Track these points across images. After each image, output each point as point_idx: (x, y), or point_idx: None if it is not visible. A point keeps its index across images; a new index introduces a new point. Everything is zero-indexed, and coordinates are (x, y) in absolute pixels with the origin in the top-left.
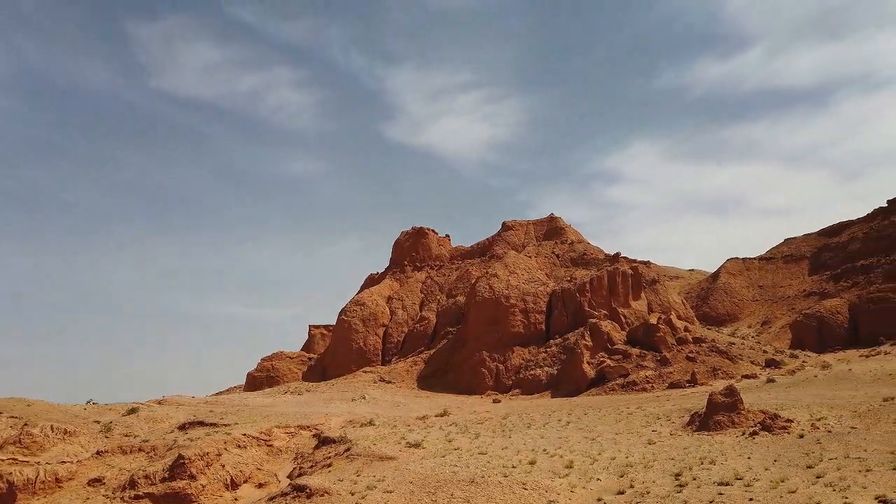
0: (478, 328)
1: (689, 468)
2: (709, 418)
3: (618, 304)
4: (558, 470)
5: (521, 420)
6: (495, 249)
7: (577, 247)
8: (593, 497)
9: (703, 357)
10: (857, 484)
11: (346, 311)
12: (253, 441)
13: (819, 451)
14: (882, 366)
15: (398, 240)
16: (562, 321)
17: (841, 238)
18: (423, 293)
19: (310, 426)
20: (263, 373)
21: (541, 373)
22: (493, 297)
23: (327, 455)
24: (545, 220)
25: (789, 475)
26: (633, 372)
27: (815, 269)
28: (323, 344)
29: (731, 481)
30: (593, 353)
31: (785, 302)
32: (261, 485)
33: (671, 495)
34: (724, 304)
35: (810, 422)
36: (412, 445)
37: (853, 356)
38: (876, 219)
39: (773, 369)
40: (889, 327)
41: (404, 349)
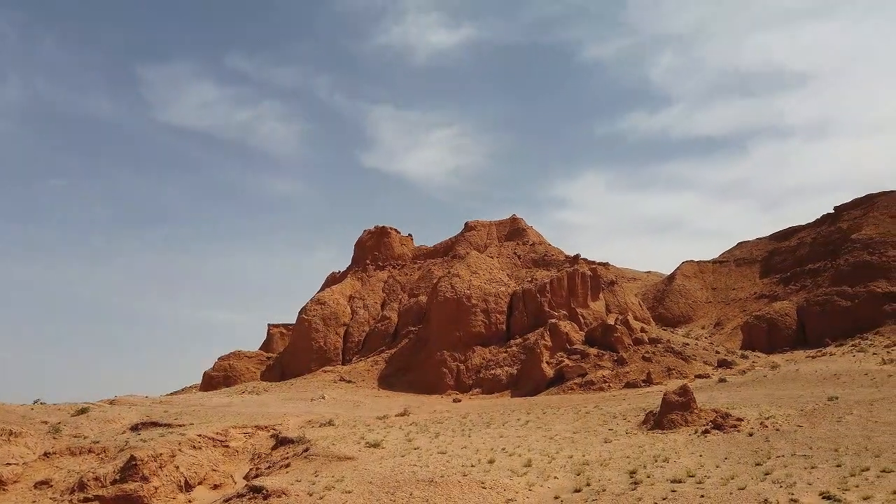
0: (439, 328)
1: (643, 466)
2: (663, 417)
3: (577, 304)
4: (517, 469)
5: (481, 419)
6: (458, 249)
7: (538, 248)
8: (551, 495)
9: (658, 357)
10: (802, 481)
11: (307, 309)
12: (208, 442)
13: (767, 448)
14: (827, 366)
15: (360, 238)
16: (522, 321)
17: (790, 243)
18: (384, 292)
19: (268, 426)
20: (220, 372)
21: (501, 372)
22: (454, 297)
23: (285, 455)
24: (507, 221)
25: (739, 472)
26: (591, 372)
27: (765, 272)
28: (282, 343)
29: (683, 479)
30: (552, 352)
31: (737, 304)
32: (216, 486)
33: (626, 493)
34: (679, 306)
35: (759, 420)
36: (372, 445)
37: (800, 357)
38: (823, 224)
39: (724, 369)
40: (834, 329)
41: (365, 348)
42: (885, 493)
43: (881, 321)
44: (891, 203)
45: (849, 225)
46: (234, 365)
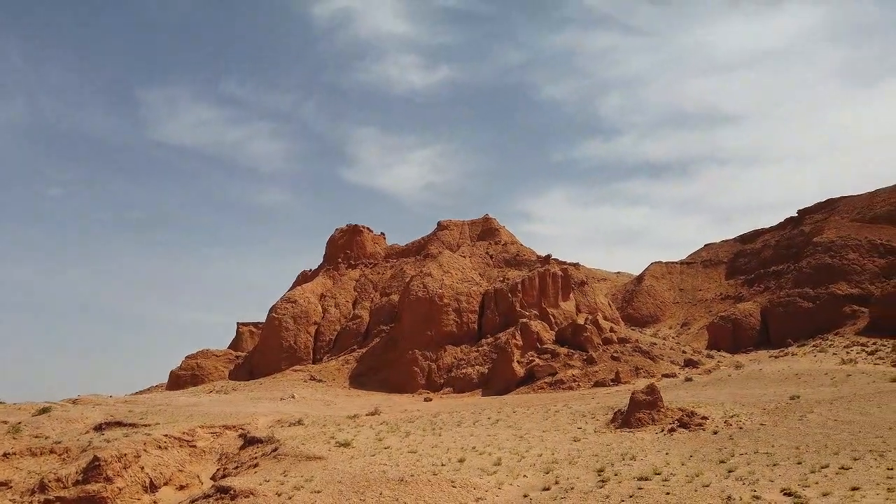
0: (411, 327)
1: (611, 464)
2: (631, 416)
3: (548, 304)
4: (487, 467)
5: (452, 418)
6: (430, 249)
7: (510, 248)
8: (520, 493)
9: (626, 357)
10: (764, 478)
11: (277, 308)
12: (175, 442)
13: (731, 446)
14: (789, 366)
15: (332, 237)
16: (494, 321)
17: (755, 245)
18: (356, 291)
19: (236, 426)
20: (188, 371)
21: (472, 371)
22: (426, 297)
23: (253, 455)
24: (480, 221)
25: (704, 470)
26: (560, 371)
27: (731, 273)
28: (252, 342)
29: (650, 476)
30: (523, 352)
31: (703, 305)
32: (182, 487)
33: (594, 491)
34: (648, 306)
35: (724, 419)
36: (342, 445)
37: (763, 357)
38: (787, 228)
39: (690, 369)
40: (796, 330)
41: (336, 347)
42: (844, 489)
43: (841, 322)
44: (851, 208)
45: (811, 228)
46: (201, 364)
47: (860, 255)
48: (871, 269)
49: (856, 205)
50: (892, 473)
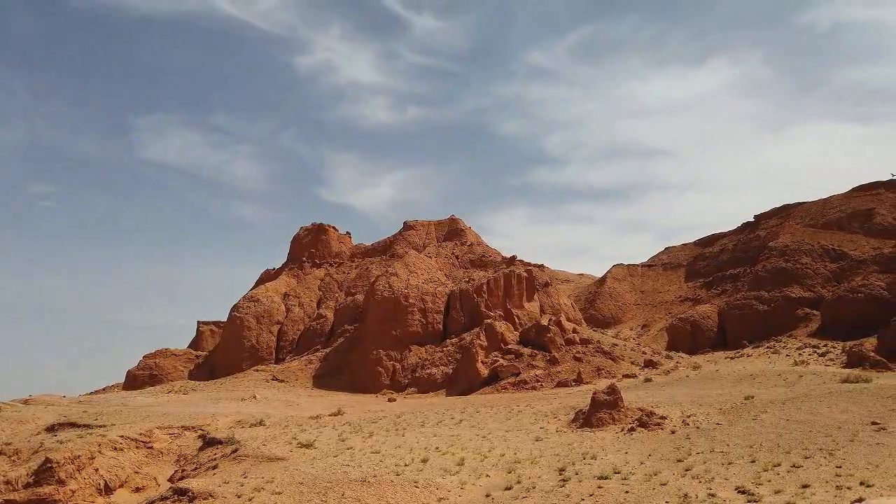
0: (376, 327)
1: (572, 463)
2: (592, 415)
3: (512, 305)
4: (450, 467)
5: (416, 418)
6: (396, 248)
7: (476, 248)
8: (482, 493)
9: (588, 357)
10: (720, 476)
11: (239, 307)
12: (131, 443)
13: (688, 445)
14: (745, 367)
15: (297, 235)
16: (459, 321)
17: (713, 249)
18: (321, 291)
19: (195, 427)
20: (145, 371)
21: (436, 372)
22: (392, 296)
23: (213, 456)
24: (446, 222)
25: (661, 469)
26: (524, 371)
27: (690, 276)
28: (213, 341)
29: (610, 475)
30: (488, 352)
31: (663, 306)
32: (138, 489)
33: (555, 490)
34: (610, 308)
35: (682, 418)
36: (304, 445)
37: (720, 358)
38: (744, 232)
39: (650, 369)
40: (752, 331)
41: (299, 347)
42: (795, 486)
43: (794, 325)
44: (805, 213)
45: (767, 233)
46: (160, 363)
47: (813, 260)
48: (823, 273)
49: (809, 211)
50: (840, 472)
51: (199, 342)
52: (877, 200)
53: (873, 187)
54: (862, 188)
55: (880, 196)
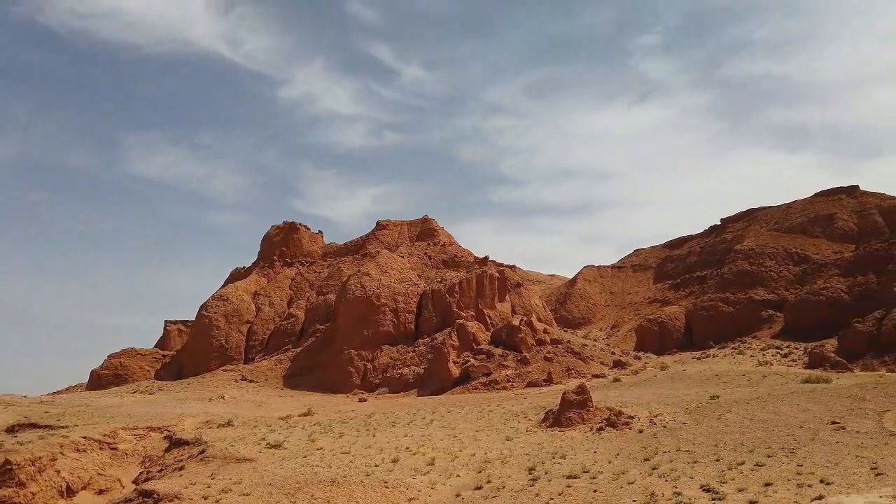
0: (347, 326)
1: (541, 463)
2: (561, 415)
3: (484, 305)
4: (420, 467)
5: (386, 419)
6: (368, 248)
7: (448, 249)
8: (452, 493)
9: (559, 357)
10: (685, 475)
11: (208, 306)
12: (94, 444)
13: (655, 444)
14: (710, 367)
15: (268, 234)
16: (431, 321)
17: (682, 251)
18: (292, 290)
19: (161, 427)
20: (110, 371)
21: (408, 372)
22: (364, 296)
23: (179, 458)
24: (419, 221)
25: (629, 467)
26: (495, 371)
27: (658, 278)
28: (180, 341)
29: (578, 474)
30: (459, 352)
31: (632, 307)
32: (102, 491)
33: (524, 489)
34: (580, 308)
35: (649, 418)
36: (273, 446)
37: (687, 358)
38: (711, 235)
39: (619, 369)
40: (717, 332)
41: (269, 347)
42: (758, 485)
43: (758, 326)
44: (769, 217)
45: (733, 236)
46: (125, 363)
47: (776, 263)
48: (787, 276)
49: (773, 215)
50: (801, 470)
51: (166, 342)
52: (838, 206)
53: (834, 193)
54: (824, 193)
55: (841, 202)
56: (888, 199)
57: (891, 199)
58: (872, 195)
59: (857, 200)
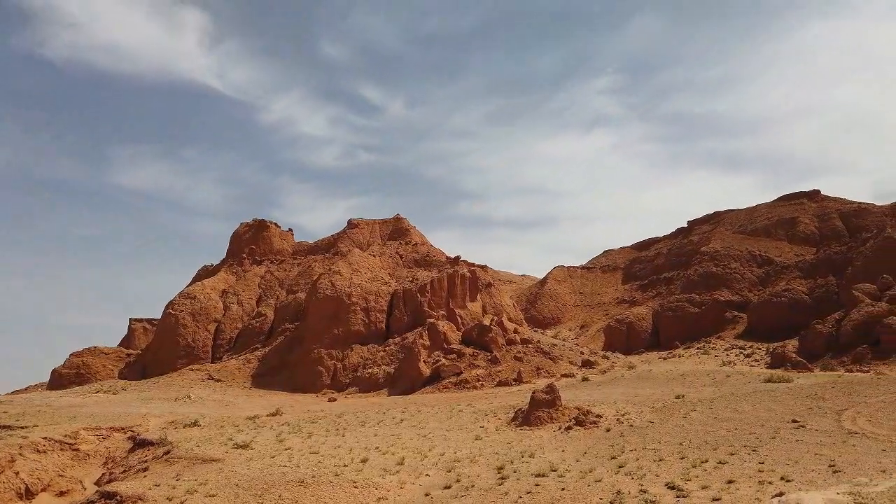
0: (317, 325)
1: (510, 461)
2: (530, 414)
3: (455, 305)
4: (390, 467)
5: (356, 418)
6: (340, 247)
7: (420, 248)
8: (421, 492)
9: (529, 357)
10: (651, 472)
11: (174, 304)
12: (55, 445)
13: (622, 443)
14: (676, 367)
15: (237, 231)
16: (402, 320)
17: (649, 252)
18: (261, 288)
19: (124, 428)
20: (72, 370)
21: (378, 371)
22: (335, 295)
23: (143, 458)
24: (391, 221)
25: (596, 466)
26: (465, 371)
27: (627, 278)
28: (145, 339)
29: (546, 473)
30: (430, 352)
31: (601, 308)
32: (62, 493)
33: (493, 488)
34: (550, 308)
35: (616, 417)
36: (240, 446)
37: (654, 358)
38: (678, 237)
39: (587, 369)
40: (683, 333)
41: (238, 346)
42: (721, 482)
43: (722, 326)
44: (734, 220)
45: (699, 238)
46: (88, 362)
47: (741, 265)
48: (750, 277)
49: (738, 218)
50: (762, 467)
51: (130, 340)
52: (800, 210)
53: (797, 197)
54: (787, 197)
55: (803, 206)
56: (847, 204)
57: (850, 204)
58: (833, 200)
59: (818, 205)
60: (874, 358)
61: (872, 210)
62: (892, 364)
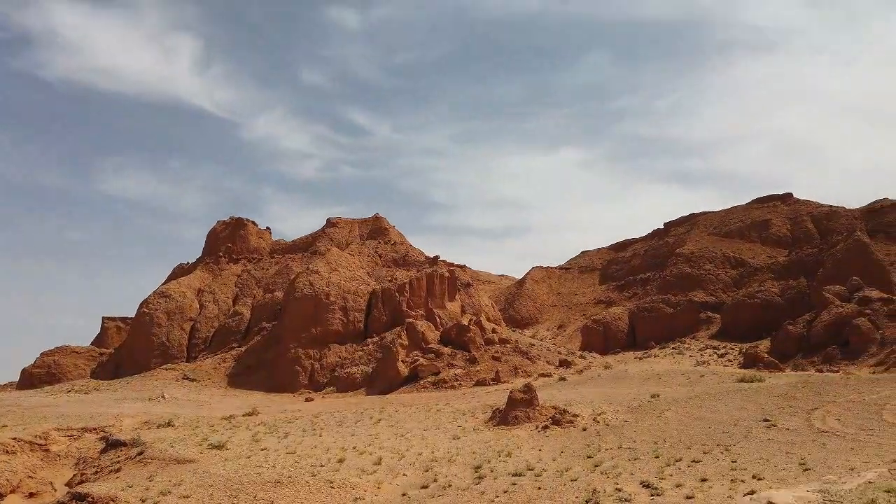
0: (295, 325)
1: (487, 461)
2: (508, 414)
3: (434, 304)
4: (367, 467)
5: (334, 418)
6: (318, 245)
7: (399, 248)
8: (398, 492)
9: (507, 357)
10: (626, 471)
11: (149, 302)
12: (24, 446)
13: (598, 442)
14: (652, 367)
15: (213, 229)
16: (380, 320)
17: (626, 253)
18: (238, 287)
19: (97, 428)
20: (43, 369)
21: (356, 371)
22: (312, 294)
23: (116, 459)
24: (370, 220)
25: (573, 465)
26: (444, 370)
27: (604, 279)
28: (119, 338)
29: (523, 472)
30: (409, 351)
31: (578, 308)
32: (32, 495)
33: (470, 487)
34: (528, 308)
35: (592, 416)
36: (215, 447)
37: (630, 358)
38: (654, 238)
39: (564, 369)
40: (659, 333)
41: (213, 345)
42: (694, 480)
43: (697, 327)
44: (709, 222)
45: (674, 240)
46: (59, 361)
47: (715, 266)
48: (724, 279)
49: (713, 220)
50: (735, 466)
51: (103, 339)
52: (773, 212)
53: (770, 200)
54: (760, 200)
55: (776, 208)
56: (819, 207)
57: (821, 207)
58: (805, 203)
59: (790, 207)
60: (843, 358)
61: (843, 213)
62: (861, 364)
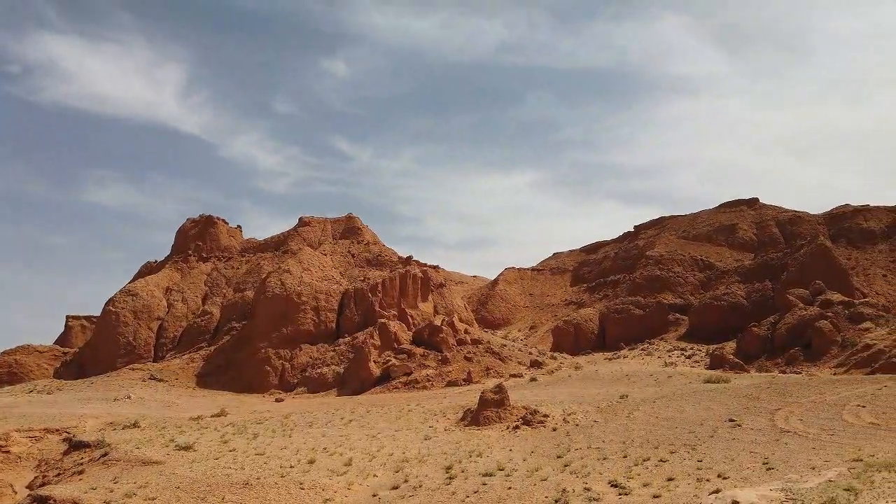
0: (265, 324)
1: (458, 461)
2: (479, 414)
3: (407, 305)
4: (337, 468)
5: (304, 419)
6: (290, 245)
7: (372, 248)
8: (369, 493)
9: (479, 357)
10: (595, 471)
11: (115, 301)
12: None
13: (568, 442)
14: (621, 367)
15: (183, 227)
16: (353, 320)
17: (597, 255)
18: (207, 286)
19: (59, 429)
20: (4, 368)
21: (328, 371)
22: (284, 294)
23: (79, 461)
24: (343, 219)
25: (543, 465)
26: (416, 371)
27: (575, 281)
28: (83, 338)
29: (494, 472)
30: (381, 352)
31: (550, 309)
32: None
33: (441, 488)
34: (501, 309)
35: (563, 416)
36: (182, 448)
37: (600, 359)
38: (625, 241)
39: (536, 369)
40: (628, 334)
41: (181, 345)
42: (661, 479)
43: (665, 328)
44: (678, 226)
45: (644, 242)
46: (20, 360)
47: (683, 269)
48: (692, 281)
49: (682, 224)
50: (701, 465)
51: (67, 338)
52: (740, 217)
53: (737, 205)
54: (728, 205)
55: (743, 213)
56: (784, 212)
57: (786, 212)
58: (770, 208)
59: (756, 212)
60: (806, 360)
61: (807, 218)
62: (823, 366)
